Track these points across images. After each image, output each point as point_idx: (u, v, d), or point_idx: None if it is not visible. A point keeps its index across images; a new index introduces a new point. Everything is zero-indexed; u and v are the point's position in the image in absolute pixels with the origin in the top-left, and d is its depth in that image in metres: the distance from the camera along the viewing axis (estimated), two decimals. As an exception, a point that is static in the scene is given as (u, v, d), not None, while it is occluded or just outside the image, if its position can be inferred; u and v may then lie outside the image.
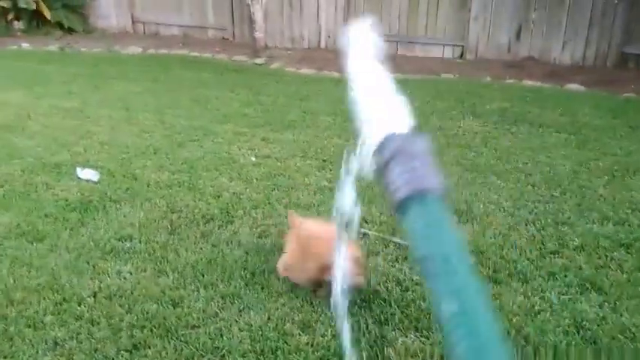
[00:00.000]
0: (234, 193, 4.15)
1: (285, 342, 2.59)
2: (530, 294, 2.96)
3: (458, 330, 0.57)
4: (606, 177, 4.43)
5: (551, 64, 8.60)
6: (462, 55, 9.16)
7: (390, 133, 0.73)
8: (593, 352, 2.51)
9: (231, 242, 3.47)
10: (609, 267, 3.21)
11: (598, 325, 2.70)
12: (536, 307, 2.84)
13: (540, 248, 3.40)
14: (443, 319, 0.59)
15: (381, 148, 0.72)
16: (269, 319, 2.76)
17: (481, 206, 3.93)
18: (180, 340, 2.64)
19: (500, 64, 8.62)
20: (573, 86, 7.49)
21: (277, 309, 2.84)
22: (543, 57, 8.75)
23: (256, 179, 4.40)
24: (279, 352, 2.53)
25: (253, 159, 4.82)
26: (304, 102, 6.62)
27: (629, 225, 3.68)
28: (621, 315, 2.78)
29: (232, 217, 3.79)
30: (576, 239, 3.48)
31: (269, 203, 3.98)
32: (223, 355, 2.54)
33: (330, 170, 4.58)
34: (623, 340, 2.60)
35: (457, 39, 9.16)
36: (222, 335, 2.66)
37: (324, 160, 4.79)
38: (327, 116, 6.03)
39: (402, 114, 0.76)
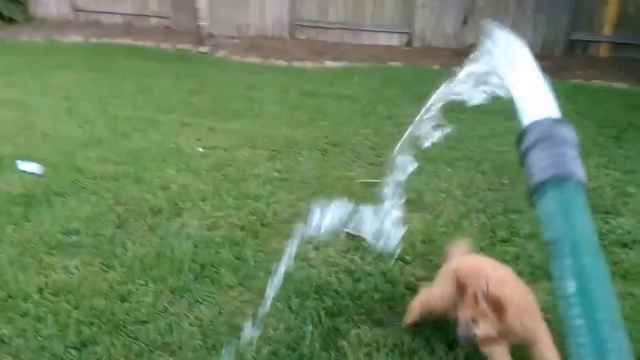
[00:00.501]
0: (181, 184, 4.07)
1: (237, 337, 2.55)
2: (481, 282, 2.97)
3: (574, 309, 0.59)
4: (554, 164, 4.52)
5: (497, 53, 8.76)
6: (409, 43, 9.23)
7: (537, 118, 0.74)
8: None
9: (180, 235, 3.40)
10: (559, 254, 3.26)
11: (550, 313, 2.74)
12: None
13: (491, 237, 3.42)
14: (562, 299, 0.61)
15: (526, 132, 0.73)
16: (220, 313, 2.72)
17: (432, 195, 3.95)
18: (130, 336, 2.56)
19: (448, 51, 8.71)
20: (519, 74, 7.64)
21: (228, 302, 2.80)
22: (489, 45, 8.89)
23: (204, 170, 4.33)
24: (231, 347, 2.49)
25: (200, 149, 4.74)
26: (251, 91, 6.56)
27: (577, 212, 3.75)
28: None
29: (180, 209, 3.71)
30: (526, 227, 3.50)
31: (218, 195, 3.92)
32: (174, 351, 2.48)
33: (280, 160, 4.54)
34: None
35: (404, 26, 9.21)
36: (172, 331, 2.60)
37: (272, 150, 4.75)
38: (274, 105, 5.98)
39: (551, 101, 0.77)
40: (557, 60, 8.26)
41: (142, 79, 6.97)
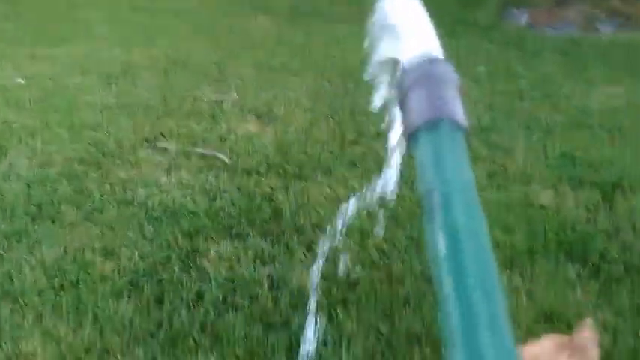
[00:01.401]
0: (3, 121, 3.63)
1: (87, 272, 2.37)
2: (334, 185, 3.03)
3: (444, 275, 0.51)
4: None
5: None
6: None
7: (413, 58, 0.68)
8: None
9: (9, 177, 3.04)
10: (403, 148, 3.38)
11: (398, 204, 2.83)
12: (341, 197, 2.89)
13: (341, 140, 3.49)
14: (432, 261, 0.53)
15: (403, 74, 0.67)
16: (65, 251, 2.49)
17: (282, 106, 3.90)
18: (-38, 293, 2.29)
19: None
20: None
21: (73, 240, 2.57)
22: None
23: (29, 103, 3.90)
24: (81, 284, 2.30)
25: (21, 80, 4.26)
26: (75, 10, 6.02)
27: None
28: (416, 191, 2.95)
29: (5, 148, 3.32)
30: (372, 128, 3.56)
31: (48, 128, 3.55)
32: (16, 297, 2.25)
33: (116, 85, 4.22)
34: (419, 213, 2.77)
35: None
36: (11, 278, 2.35)
37: (107, 75, 4.39)
38: (104, 25, 5.53)
39: (431, 39, 0.72)
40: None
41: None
